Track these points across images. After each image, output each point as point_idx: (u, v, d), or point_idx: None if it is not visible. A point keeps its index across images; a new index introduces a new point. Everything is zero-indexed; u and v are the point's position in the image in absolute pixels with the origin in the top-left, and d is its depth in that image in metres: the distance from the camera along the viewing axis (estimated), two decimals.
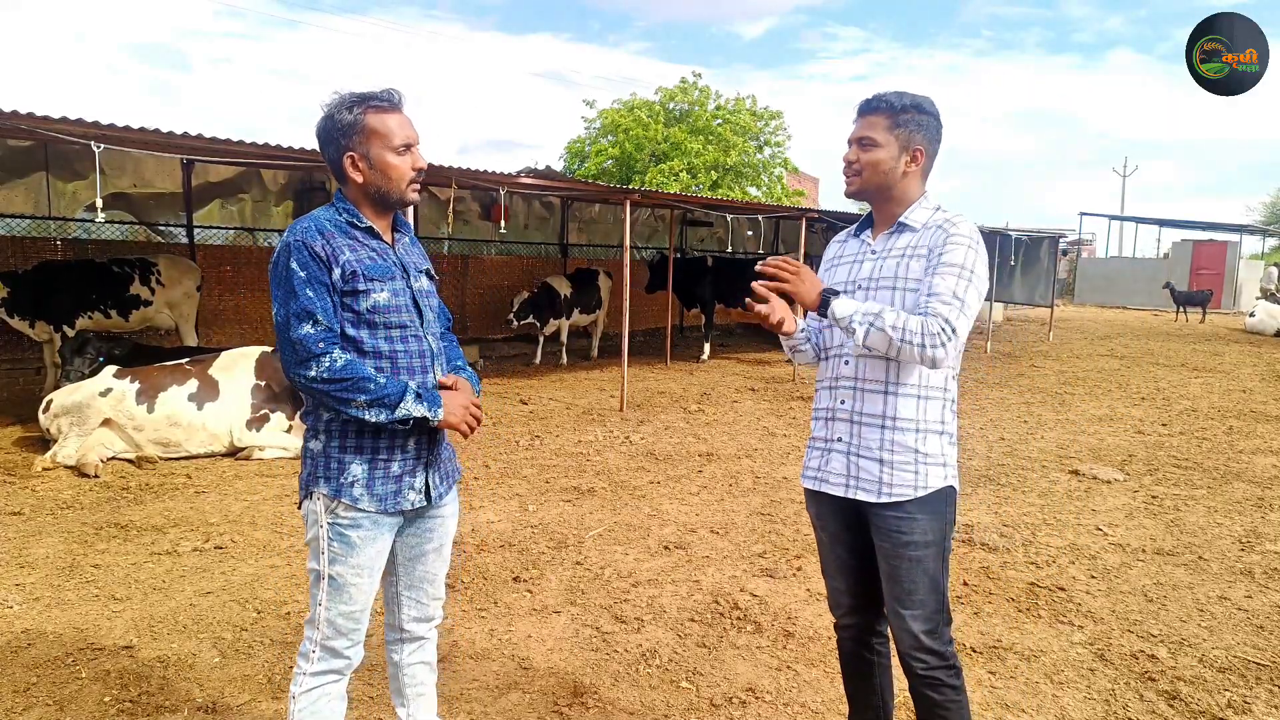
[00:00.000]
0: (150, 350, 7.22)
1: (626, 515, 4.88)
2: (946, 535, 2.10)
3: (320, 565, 1.98)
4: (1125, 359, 13.02)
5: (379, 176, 1.96)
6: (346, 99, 1.94)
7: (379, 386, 1.88)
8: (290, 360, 1.89)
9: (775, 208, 13.44)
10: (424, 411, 1.92)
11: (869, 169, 2.11)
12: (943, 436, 2.10)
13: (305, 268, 1.88)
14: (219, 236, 10.20)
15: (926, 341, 1.92)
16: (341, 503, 1.95)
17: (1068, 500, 5.30)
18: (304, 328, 1.86)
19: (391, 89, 1.98)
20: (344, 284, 1.92)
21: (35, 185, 8.73)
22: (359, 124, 1.93)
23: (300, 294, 1.87)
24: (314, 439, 2.01)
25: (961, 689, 2.10)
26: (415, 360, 2.02)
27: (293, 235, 1.92)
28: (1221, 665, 3.16)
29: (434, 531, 2.16)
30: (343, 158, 1.95)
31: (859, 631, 2.30)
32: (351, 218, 1.99)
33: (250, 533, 4.45)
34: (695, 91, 22.73)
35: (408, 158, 1.97)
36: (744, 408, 8.54)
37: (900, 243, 2.11)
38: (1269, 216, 40.00)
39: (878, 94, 2.11)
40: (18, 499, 4.95)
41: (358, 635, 2.04)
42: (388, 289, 1.98)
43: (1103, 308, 27.59)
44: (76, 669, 2.99)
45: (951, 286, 1.97)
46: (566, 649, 3.23)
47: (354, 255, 1.94)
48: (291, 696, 2.02)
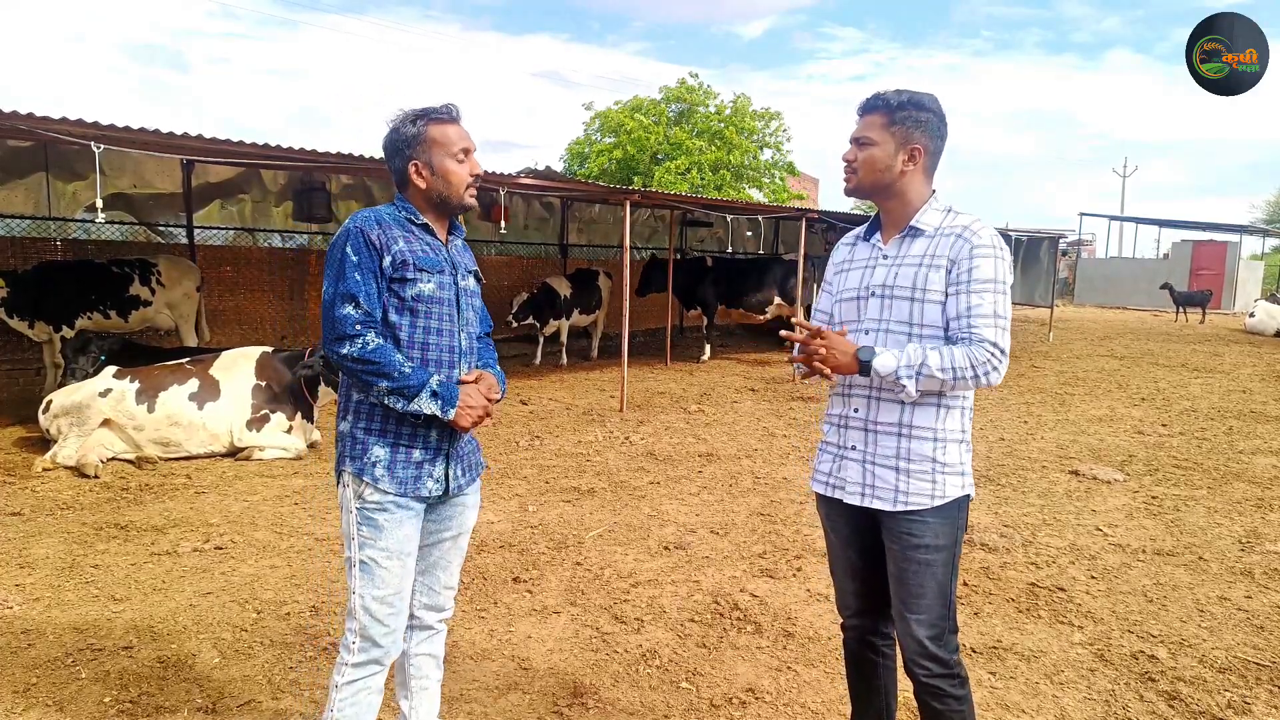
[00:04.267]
0: (142, 348, 7.22)
1: (626, 516, 4.88)
2: (958, 541, 2.08)
3: (352, 552, 2.07)
4: (1125, 359, 13.02)
5: (441, 182, 2.10)
6: (410, 114, 2.10)
7: (402, 375, 1.98)
8: (329, 335, 2.00)
9: (775, 208, 13.44)
10: (435, 409, 2.00)
11: (865, 167, 2.10)
12: (961, 445, 2.08)
13: (358, 253, 2.01)
14: (219, 237, 10.19)
15: (979, 371, 1.92)
16: (365, 483, 2.04)
17: (1068, 500, 5.30)
18: (346, 308, 1.98)
19: (450, 104, 2.13)
20: (394, 271, 2.03)
21: (35, 185, 8.71)
22: (422, 135, 2.08)
23: (349, 277, 1.99)
24: (343, 420, 2.13)
25: (965, 699, 2.08)
26: (445, 354, 2.11)
27: (353, 223, 2.04)
28: (1221, 665, 3.16)
29: (453, 520, 2.23)
30: (408, 166, 2.10)
31: (865, 632, 2.29)
32: (410, 214, 2.12)
33: (250, 533, 4.45)
34: (699, 93, 22.77)
35: (467, 164, 2.12)
36: (744, 408, 8.54)
37: (915, 249, 2.08)
38: (1271, 215, 39.99)
39: (877, 93, 2.10)
40: (18, 499, 4.95)
41: (395, 622, 2.11)
42: (434, 281, 2.09)
43: (1102, 308, 27.59)
44: (76, 669, 2.99)
45: (990, 306, 1.95)
46: (566, 649, 3.23)
47: (407, 246, 2.06)
48: (334, 685, 2.08)
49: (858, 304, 2.15)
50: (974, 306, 1.96)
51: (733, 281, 12.33)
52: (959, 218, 2.07)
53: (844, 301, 2.19)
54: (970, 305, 1.96)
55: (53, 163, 8.70)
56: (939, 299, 2.01)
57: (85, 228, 9.04)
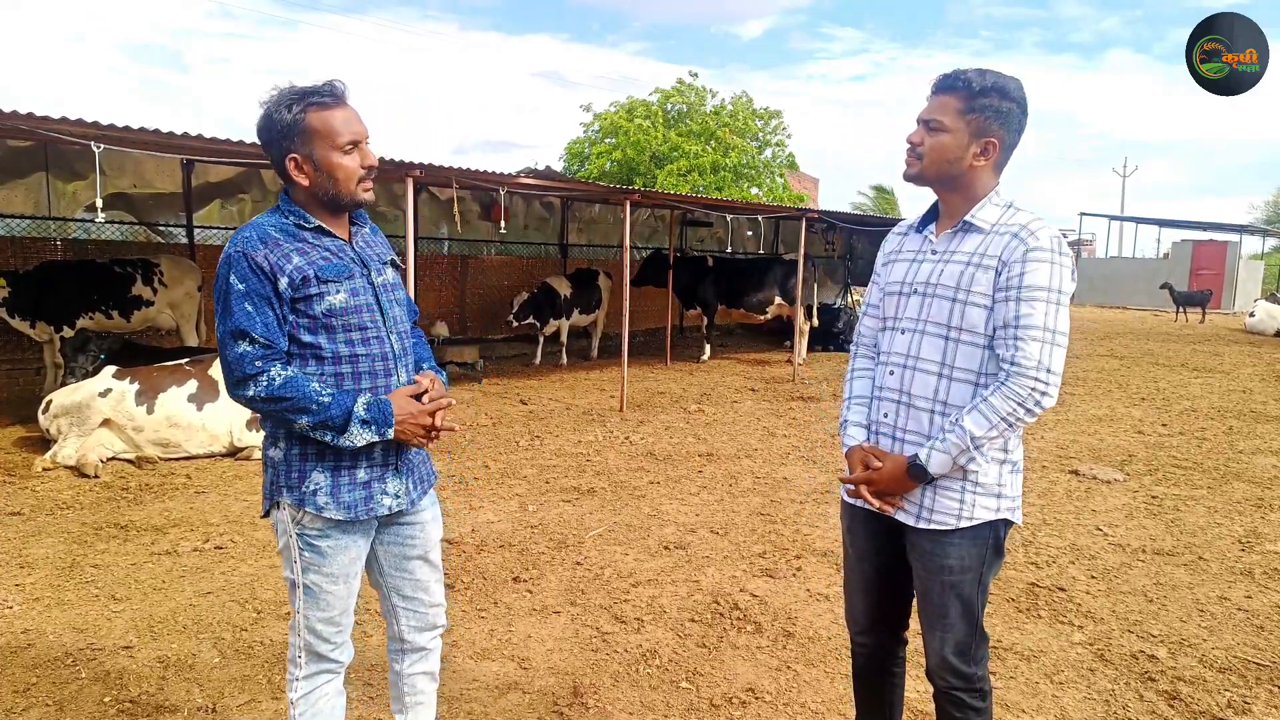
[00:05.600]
0: (141, 348, 7.22)
1: (626, 515, 4.88)
2: (987, 564, 1.92)
3: (294, 574, 1.92)
4: (1125, 359, 13.02)
5: (325, 179, 1.84)
6: (285, 96, 1.81)
7: (322, 408, 1.78)
8: (229, 380, 1.80)
9: (775, 208, 13.43)
10: (371, 436, 1.82)
11: (932, 154, 1.89)
12: (1004, 466, 1.90)
13: (245, 280, 1.77)
14: (219, 237, 10.18)
15: (1028, 405, 1.77)
16: (306, 512, 1.87)
17: (1068, 500, 5.30)
18: (240, 346, 1.76)
19: (335, 81, 1.84)
20: (294, 291, 1.80)
21: (35, 185, 8.72)
22: (299, 124, 1.80)
23: (236, 311, 1.76)
24: (273, 446, 1.91)
25: (985, 711, 1.97)
26: (378, 364, 1.91)
27: (233, 247, 1.80)
28: (1221, 665, 3.16)
29: (415, 539, 2.07)
30: (285, 160, 1.83)
31: (874, 650, 2.19)
32: (299, 219, 1.87)
33: (250, 533, 4.45)
34: (691, 93, 22.75)
35: (356, 155, 1.85)
36: (744, 408, 8.54)
37: (966, 246, 1.89)
38: (1271, 215, 40.00)
39: (958, 70, 1.88)
40: (18, 499, 4.95)
41: (340, 638, 2.01)
42: (345, 289, 1.87)
43: (1102, 308, 27.58)
44: (76, 669, 2.99)
45: (1041, 317, 1.76)
46: (566, 649, 3.23)
47: (304, 259, 1.82)
48: (290, 703, 2.01)
49: (899, 300, 2.00)
50: (1022, 317, 1.77)
51: (733, 281, 12.33)
52: (1018, 215, 1.87)
53: (888, 295, 2.04)
54: (1019, 315, 1.77)
55: (53, 163, 8.70)
56: (984, 302, 1.83)
57: (85, 228, 9.05)
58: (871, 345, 2.14)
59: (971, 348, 1.87)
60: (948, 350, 1.90)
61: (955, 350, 1.89)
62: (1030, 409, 1.78)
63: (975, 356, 1.87)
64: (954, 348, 1.89)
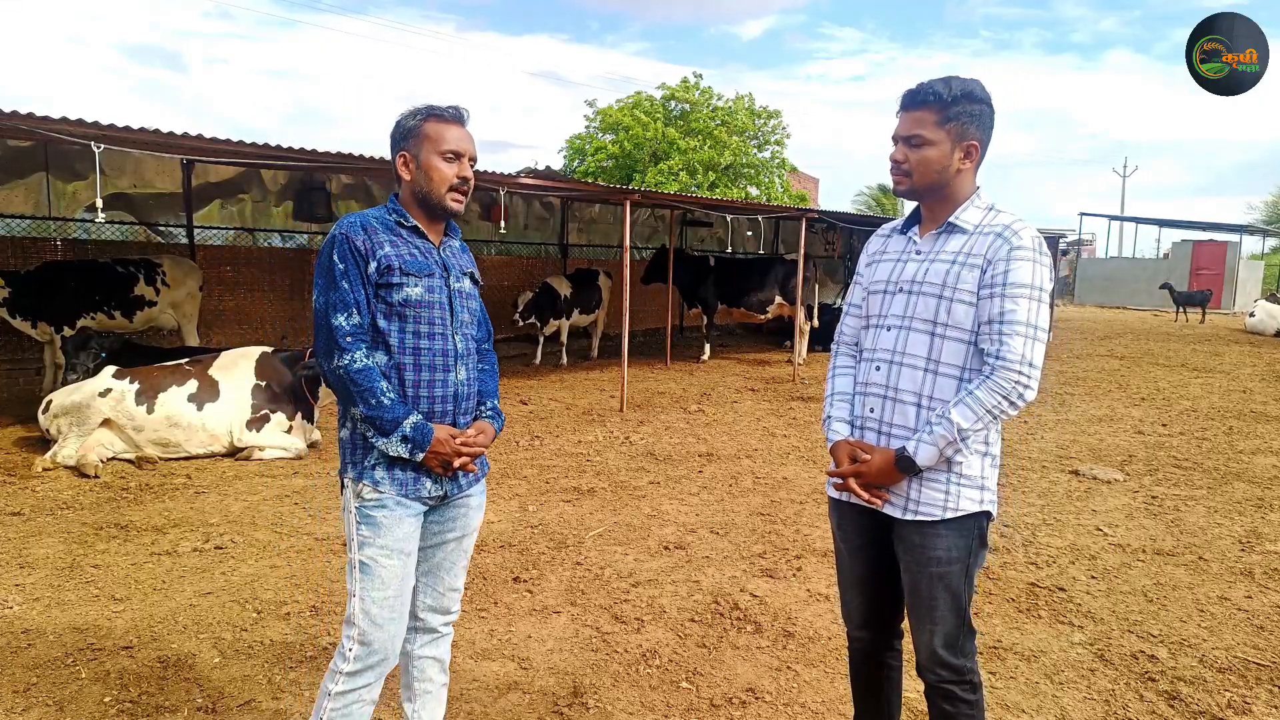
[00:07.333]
0: (141, 348, 7.22)
1: (626, 515, 4.88)
2: (974, 554, 1.99)
3: (353, 553, 2.05)
4: (1125, 359, 13.02)
5: (423, 177, 2.05)
6: (416, 108, 2.08)
7: (379, 406, 1.97)
8: (321, 345, 2.01)
9: (775, 208, 13.42)
10: (404, 452, 1.99)
11: (920, 168, 1.95)
12: (985, 459, 1.97)
13: (344, 260, 1.99)
14: (219, 237, 10.19)
15: (1011, 399, 1.86)
16: (365, 484, 2.03)
17: (1068, 500, 5.30)
18: (338, 318, 1.97)
19: (460, 107, 2.10)
20: (379, 276, 2.00)
21: (35, 185, 8.72)
22: (417, 129, 2.05)
23: (339, 284, 1.98)
24: (343, 427, 2.11)
25: (977, 704, 2.02)
26: (438, 359, 2.08)
27: (339, 229, 2.02)
28: (1221, 665, 3.16)
29: (456, 521, 2.20)
30: (397, 157, 2.08)
31: (870, 645, 2.23)
32: (400, 217, 2.08)
33: (250, 533, 4.45)
34: (696, 93, 22.77)
35: (454, 165, 2.06)
36: (744, 408, 8.54)
37: (950, 246, 1.97)
38: (1271, 215, 39.99)
39: (923, 84, 1.93)
40: (18, 499, 4.95)
41: (394, 628, 2.06)
42: (423, 284, 2.05)
43: (1103, 308, 27.60)
44: (76, 669, 2.99)
45: (1024, 313, 1.85)
46: (566, 649, 3.23)
47: (394, 250, 2.03)
48: (326, 693, 2.03)
49: (884, 298, 2.06)
50: (1007, 313, 1.85)
51: (734, 281, 12.33)
52: (1000, 216, 1.96)
53: (872, 294, 2.11)
54: (1003, 311, 1.86)
55: (53, 163, 8.70)
56: (969, 299, 1.91)
57: (85, 228, 9.05)
58: (853, 343, 2.21)
59: (957, 343, 1.95)
60: (934, 345, 1.97)
61: (941, 345, 1.96)
62: (1014, 402, 1.87)
63: (960, 352, 1.95)
64: (940, 343, 1.96)
